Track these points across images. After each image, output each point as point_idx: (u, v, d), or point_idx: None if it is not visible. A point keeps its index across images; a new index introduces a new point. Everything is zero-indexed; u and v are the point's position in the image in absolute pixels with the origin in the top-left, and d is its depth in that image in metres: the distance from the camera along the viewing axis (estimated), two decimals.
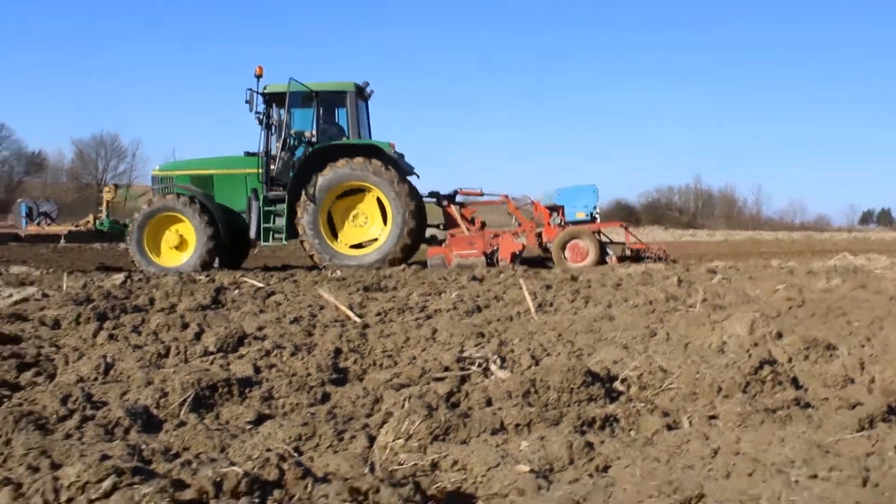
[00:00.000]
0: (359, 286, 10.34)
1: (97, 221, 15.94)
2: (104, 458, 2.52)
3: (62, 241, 17.13)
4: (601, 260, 14.32)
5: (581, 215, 14.99)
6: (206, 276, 12.11)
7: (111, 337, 5.97)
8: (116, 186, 17.02)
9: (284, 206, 14.86)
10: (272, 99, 15.26)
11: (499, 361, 5.10)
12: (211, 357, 5.26)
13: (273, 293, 9.41)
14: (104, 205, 16.04)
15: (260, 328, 6.37)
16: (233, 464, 2.72)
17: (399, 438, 3.43)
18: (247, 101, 14.69)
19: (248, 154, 15.57)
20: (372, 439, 3.51)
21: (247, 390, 4.37)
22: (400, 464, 3.10)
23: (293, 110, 15.47)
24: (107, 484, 2.34)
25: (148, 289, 9.94)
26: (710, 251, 27.54)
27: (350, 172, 14.42)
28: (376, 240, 14.78)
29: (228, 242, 15.17)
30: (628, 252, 15.08)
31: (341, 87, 15.32)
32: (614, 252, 14.92)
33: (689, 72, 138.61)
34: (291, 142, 15.39)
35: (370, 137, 16.08)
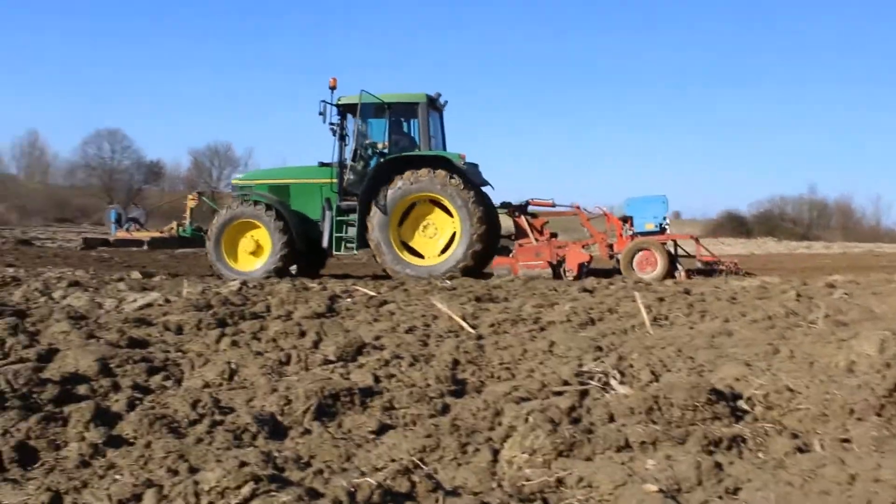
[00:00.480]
0: (470, 296, 10.35)
1: (180, 228, 16.47)
2: (242, 464, 2.58)
3: (144, 246, 17.49)
4: (670, 272, 14.03)
5: (650, 226, 14.73)
6: (319, 284, 12.31)
7: (233, 343, 6.13)
8: (200, 194, 17.50)
9: (356, 216, 14.99)
10: (345, 110, 15.44)
11: (618, 376, 5.04)
12: (331, 365, 5.33)
13: (385, 302, 9.50)
14: (188, 212, 16.55)
15: (377, 337, 6.44)
16: (363, 474, 2.75)
17: (523, 453, 3.41)
18: (320, 113, 14.88)
19: (321, 164, 15.85)
20: (496, 453, 3.50)
21: (368, 400, 4.41)
22: (527, 479, 3.08)
23: (366, 121, 15.63)
24: (245, 490, 2.40)
25: (263, 296, 10.16)
26: (828, 264, 26.65)
27: (419, 184, 14.49)
28: (446, 250, 14.81)
29: (303, 250, 15.38)
30: (699, 265, 14.75)
31: (413, 98, 15.43)
32: (683, 265, 14.61)
33: (803, 77, 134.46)
34: (363, 153, 15.50)
35: (444, 148, 16.13)
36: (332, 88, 14.81)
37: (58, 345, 5.91)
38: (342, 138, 15.33)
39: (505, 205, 15.85)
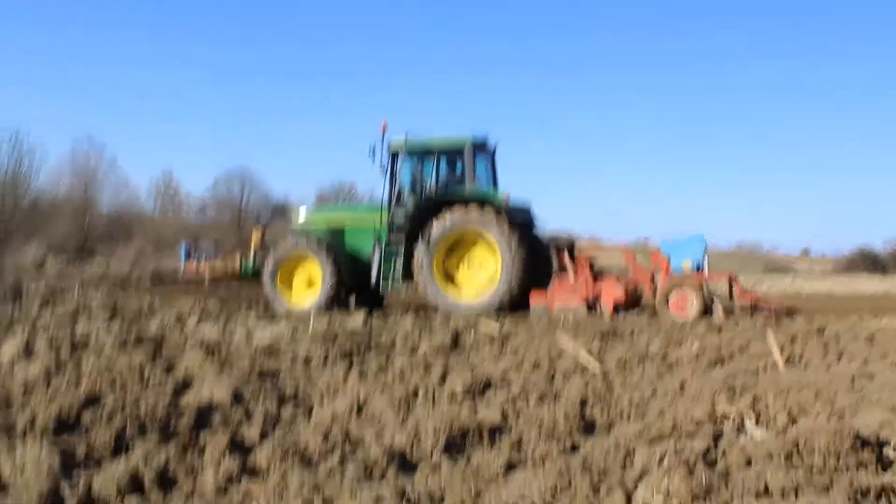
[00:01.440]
0: (595, 332, 10.23)
1: (244, 262, 17.00)
2: (378, 499, 2.58)
3: (205, 284, 18.03)
4: (706, 312, 13.67)
5: (687, 265, 14.47)
6: (442, 318, 12.37)
7: (361, 376, 6.20)
8: (263, 232, 17.87)
9: (402, 253, 15.34)
10: (395, 152, 15.75)
11: (754, 419, 4.87)
12: (459, 401, 5.32)
13: (510, 337, 9.48)
14: (252, 245, 17.09)
15: (504, 373, 6.41)
16: None
17: (658, 495, 3.32)
18: (370, 155, 15.37)
19: (370, 202, 16.47)
20: (628, 495, 3.42)
21: (496, 436, 4.39)
22: None
23: (413, 163, 15.99)
24: None
25: (387, 329, 10.27)
26: None
27: (462, 221, 14.78)
28: (490, 285, 14.97)
29: (353, 285, 15.76)
30: (737, 304, 14.30)
31: (458, 140, 15.71)
32: (722, 303, 14.10)
33: None
34: (411, 193, 15.80)
35: (494, 187, 16.24)
36: (383, 132, 15.36)
37: (193, 374, 6.10)
38: (392, 179, 15.74)
39: (553, 240, 15.91)
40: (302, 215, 17.32)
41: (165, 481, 3.60)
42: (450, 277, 15.29)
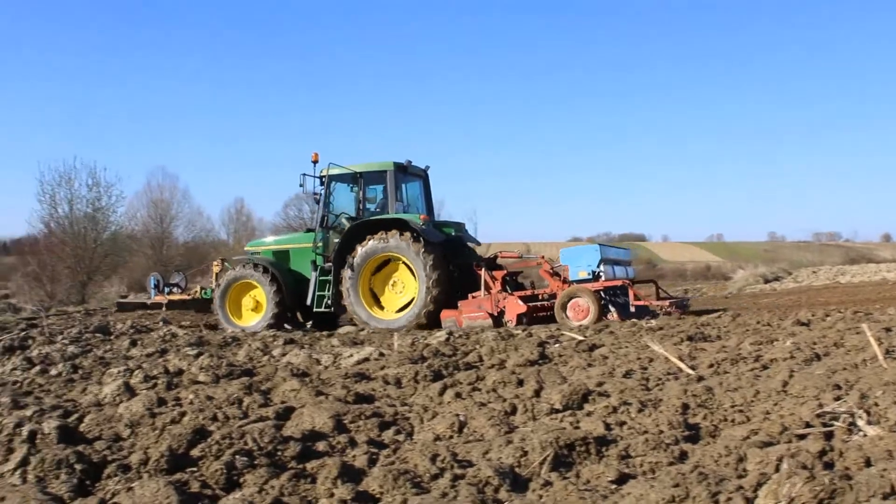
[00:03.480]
0: (681, 336, 10.10)
1: (203, 291, 18.60)
2: None
3: (163, 308, 19.55)
4: (601, 317, 14.33)
5: (583, 274, 15.25)
6: (524, 330, 12.35)
7: (457, 395, 6.20)
8: (223, 260, 19.09)
9: (333, 275, 16.47)
10: (325, 180, 17.01)
11: (864, 416, 4.74)
12: (559, 414, 5.29)
13: (595, 346, 9.41)
14: (213, 276, 18.32)
15: (599, 384, 6.35)
16: None
17: (780, 502, 3.25)
18: (300, 185, 16.83)
19: (307, 230, 17.83)
20: (749, 501, 3.35)
21: (603, 448, 4.34)
22: None
23: (340, 189, 17.44)
24: None
25: (471, 345, 10.27)
26: None
27: (381, 245, 15.80)
28: (409, 305, 15.93)
29: (295, 307, 17.20)
30: (632, 309, 14.99)
31: (381, 166, 16.88)
32: (616, 310, 14.98)
33: None
34: (337, 218, 17.12)
35: (424, 210, 17.46)
36: (315, 162, 16.71)
37: (291, 402, 6.17)
38: (325, 206, 17.10)
39: (475, 258, 17.09)
40: (252, 244, 19.04)
41: None
42: (375, 297, 16.27)
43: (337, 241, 16.64)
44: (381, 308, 16.25)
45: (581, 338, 10.34)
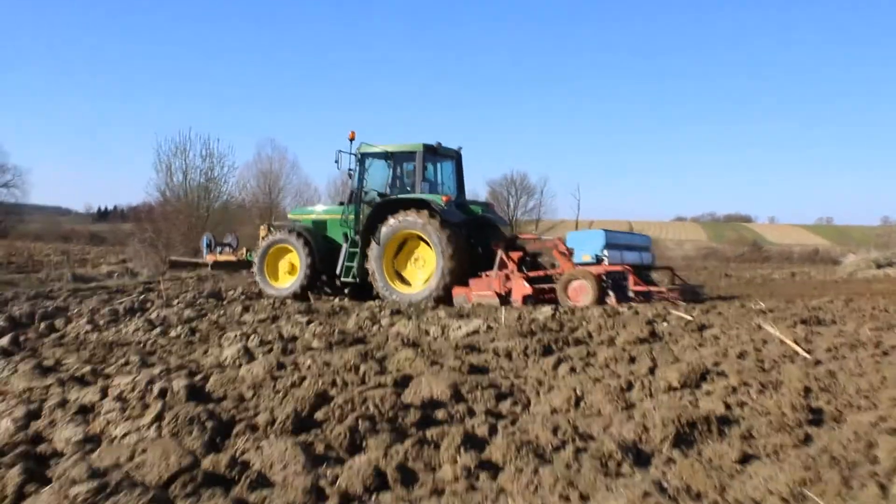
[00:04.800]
0: (794, 319, 9.85)
1: (248, 253, 19.47)
2: (645, 494, 2.55)
3: (208, 268, 20.74)
4: (601, 300, 14.35)
5: (587, 258, 15.34)
6: (629, 308, 12.23)
7: (571, 370, 6.19)
8: (270, 225, 19.71)
9: (361, 248, 17.14)
10: (359, 158, 17.51)
11: None
12: (677, 392, 5.23)
13: (705, 326, 9.25)
14: (260, 240, 18.75)
15: (715, 363, 6.25)
16: None
17: None
18: (335, 161, 17.20)
19: (340, 203, 18.32)
20: (883, 488, 3.26)
21: (725, 428, 4.28)
22: None
23: (373, 167, 17.85)
24: None
25: (577, 321, 10.21)
26: None
27: (405, 224, 16.22)
28: (429, 279, 16.31)
29: (327, 272, 17.71)
30: (631, 294, 14.75)
31: (411, 147, 17.25)
32: (615, 294, 14.86)
33: None
34: (367, 194, 17.61)
35: (454, 190, 18.01)
36: (351, 139, 17.17)
37: (406, 371, 6.25)
38: (358, 182, 17.57)
39: (500, 237, 17.24)
40: (294, 212, 19.90)
41: (406, 476, 3.70)
42: (398, 271, 16.78)
43: (361, 215, 17.30)
44: (404, 281, 16.88)
45: (689, 318, 10.18)
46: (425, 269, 16.62)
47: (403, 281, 16.83)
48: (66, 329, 10.17)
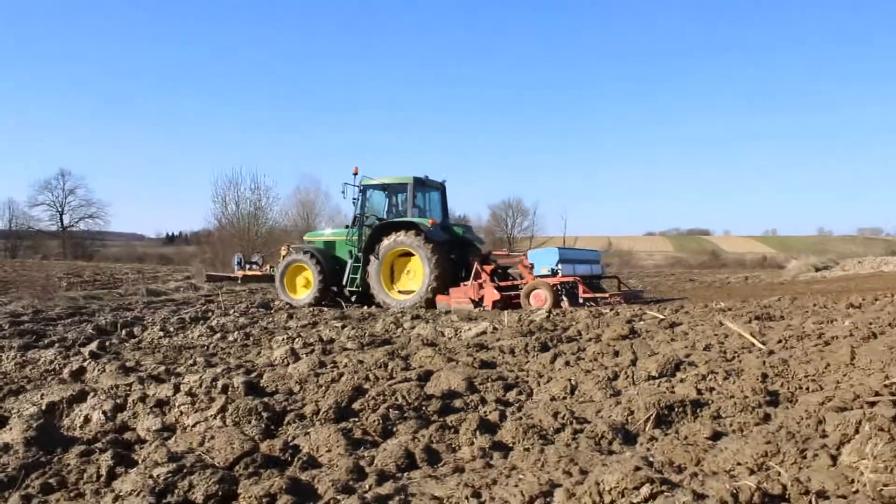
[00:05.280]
0: (749, 316, 9.79)
1: (271, 269, 19.62)
2: (637, 468, 2.53)
3: (238, 281, 20.94)
4: (556, 304, 14.79)
5: (545, 271, 15.83)
6: (611, 310, 12.18)
7: (566, 364, 6.16)
8: (289, 245, 20.02)
9: (363, 263, 17.53)
10: (361, 189, 17.92)
11: None
12: (655, 381, 5.20)
13: (675, 324, 9.20)
14: (281, 258, 19.05)
15: (686, 356, 6.21)
16: (731, 476, 2.62)
17: (863, 459, 3.12)
18: (342, 192, 17.72)
19: (346, 227, 18.66)
20: (833, 458, 3.23)
21: (697, 410, 4.25)
22: (884, 484, 2.80)
23: (372, 197, 18.33)
24: (644, 490, 2.36)
25: (567, 322, 10.16)
26: None
27: (398, 241, 16.72)
28: (418, 288, 16.73)
29: (335, 286, 17.94)
30: (581, 301, 15.24)
31: (403, 179, 17.71)
32: (568, 299, 15.37)
33: None
34: (368, 219, 18.05)
35: (440, 215, 18.42)
36: (355, 174, 17.58)
37: (427, 367, 6.23)
38: (360, 209, 18.02)
39: (475, 254, 17.89)
40: (309, 235, 20.22)
41: (432, 456, 3.68)
42: (393, 281, 17.17)
43: (366, 237, 17.69)
44: (399, 290, 17.18)
45: (661, 317, 10.13)
46: (416, 279, 17.01)
47: (398, 289, 17.20)
48: (142, 335, 10.18)
